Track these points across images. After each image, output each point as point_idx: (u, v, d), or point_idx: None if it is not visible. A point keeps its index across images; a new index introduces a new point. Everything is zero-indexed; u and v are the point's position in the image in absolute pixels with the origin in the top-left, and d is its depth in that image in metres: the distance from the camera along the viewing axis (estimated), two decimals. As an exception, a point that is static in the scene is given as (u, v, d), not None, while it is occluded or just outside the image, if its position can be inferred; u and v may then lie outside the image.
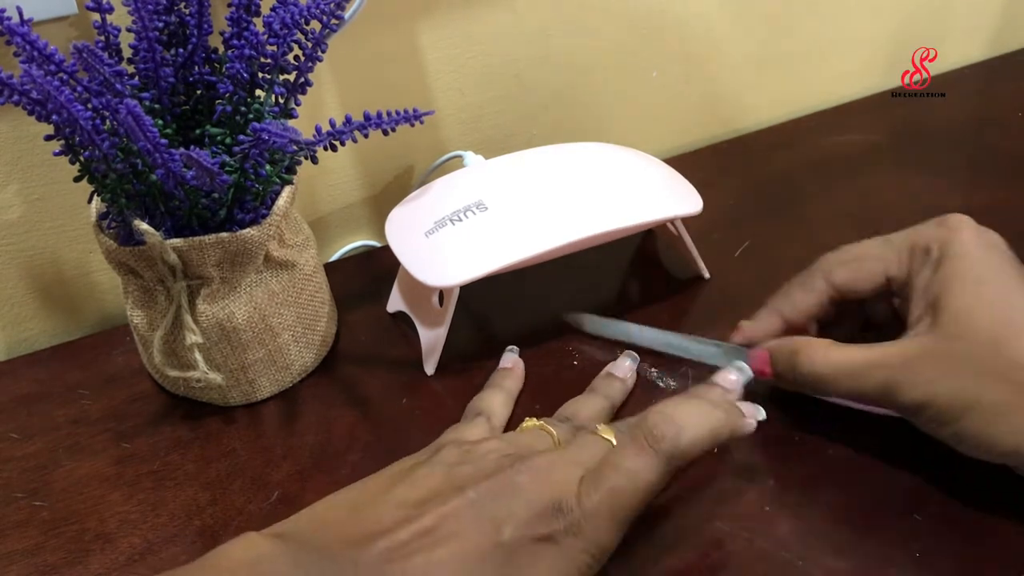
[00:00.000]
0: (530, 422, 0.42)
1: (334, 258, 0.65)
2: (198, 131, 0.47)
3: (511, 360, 0.49)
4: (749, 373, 0.43)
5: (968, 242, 0.40)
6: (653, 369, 0.49)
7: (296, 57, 0.45)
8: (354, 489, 0.37)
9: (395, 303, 0.54)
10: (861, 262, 0.43)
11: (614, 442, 0.37)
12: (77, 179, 0.44)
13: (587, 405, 0.45)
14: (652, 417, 0.36)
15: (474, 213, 0.48)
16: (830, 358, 0.40)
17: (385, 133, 0.45)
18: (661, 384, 0.48)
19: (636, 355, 0.48)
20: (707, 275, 0.56)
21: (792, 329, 0.44)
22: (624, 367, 0.48)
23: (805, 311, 0.44)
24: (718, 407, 0.38)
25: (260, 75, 0.45)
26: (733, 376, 0.42)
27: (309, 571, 0.32)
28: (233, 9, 0.45)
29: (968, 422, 0.37)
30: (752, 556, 0.38)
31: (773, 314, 0.45)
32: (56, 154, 0.43)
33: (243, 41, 0.44)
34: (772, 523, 0.40)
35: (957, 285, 0.38)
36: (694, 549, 0.39)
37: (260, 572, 0.32)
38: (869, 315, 0.46)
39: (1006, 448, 0.36)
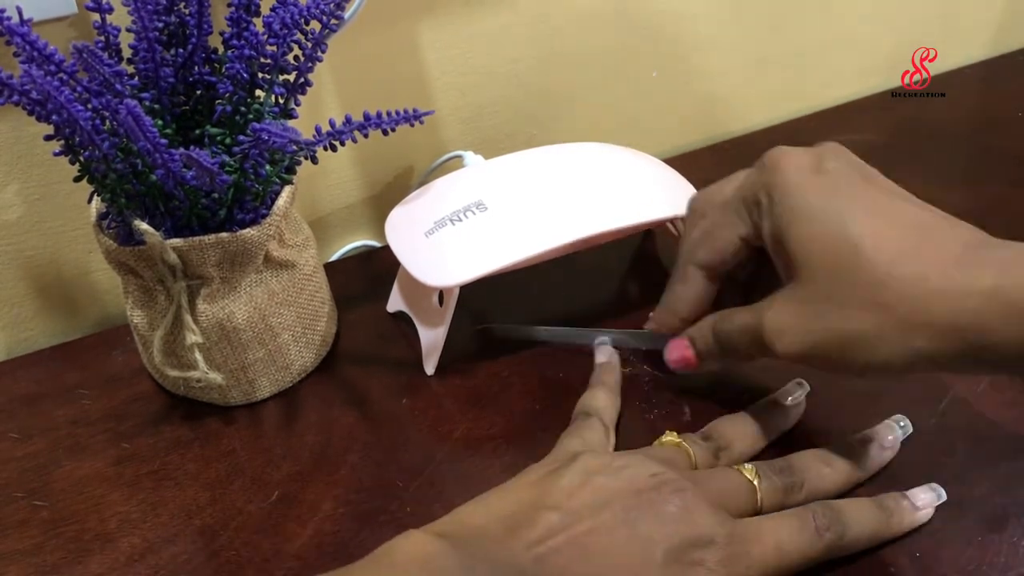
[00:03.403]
0: (670, 437, 0.41)
1: (334, 258, 0.65)
2: (198, 131, 0.47)
3: (607, 353, 0.48)
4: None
5: (789, 177, 0.37)
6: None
7: (296, 57, 0.45)
8: (500, 499, 0.37)
9: (395, 303, 0.54)
10: (712, 236, 0.41)
11: (756, 485, 0.38)
12: (77, 179, 0.44)
13: (738, 428, 0.43)
14: (816, 505, 0.37)
15: (474, 213, 0.48)
16: (718, 329, 0.41)
17: (385, 133, 0.45)
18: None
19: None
20: (707, 275, 0.55)
21: (691, 322, 0.44)
22: (796, 396, 0.44)
23: (694, 301, 0.43)
24: (885, 511, 0.38)
25: (260, 75, 0.45)
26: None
27: (476, 571, 0.32)
28: (233, 9, 0.45)
29: (850, 354, 0.35)
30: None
31: (667, 314, 0.44)
32: (56, 154, 0.43)
33: (243, 41, 0.44)
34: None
35: (789, 229, 0.37)
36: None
37: (431, 569, 0.32)
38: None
39: (898, 365, 0.35)
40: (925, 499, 0.39)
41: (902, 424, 0.42)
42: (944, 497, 0.39)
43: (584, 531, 0.34)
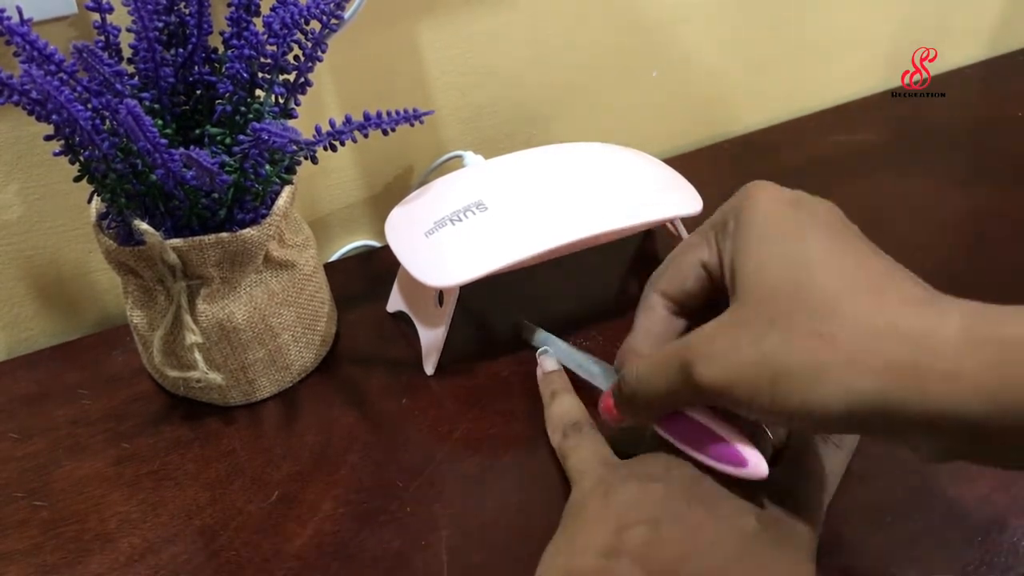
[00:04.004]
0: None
1: (334, 258, 0.65)
2: (198, 131, 0.47)
3: (553, 363, 0.48)
4: None
5: (760, 202, 0.35)
6: None
7: (296, 57, 0.45)
8: (588, 534, 0.36)
9: (395, 303, 0.54)
10: (676, 261, 0.38)
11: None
12: (77, 179, 0.44)
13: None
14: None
15: (474, 213, 0.48)
16: (643, 361, 0.36)
17: (385, 133, 0.45)
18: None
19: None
20: (707, 275, 0.55)
21: None
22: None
23: (655, 334, 0.38)
24: None
25: (260, 75, 0.45)
26: None
27: None
28: (233, 9, 0.45)
29: (783, 390, 0.30)
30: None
31: (627, 351, 0.39)
32: (56, 154, 0.43)
33: (243, 41, 0.44)
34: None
35: (745, 248, 0.34)
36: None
37: None
38: None
39: (837, 410, 0.30)
40: None
41: None
42: None
43: (672, 534, 0.35)
